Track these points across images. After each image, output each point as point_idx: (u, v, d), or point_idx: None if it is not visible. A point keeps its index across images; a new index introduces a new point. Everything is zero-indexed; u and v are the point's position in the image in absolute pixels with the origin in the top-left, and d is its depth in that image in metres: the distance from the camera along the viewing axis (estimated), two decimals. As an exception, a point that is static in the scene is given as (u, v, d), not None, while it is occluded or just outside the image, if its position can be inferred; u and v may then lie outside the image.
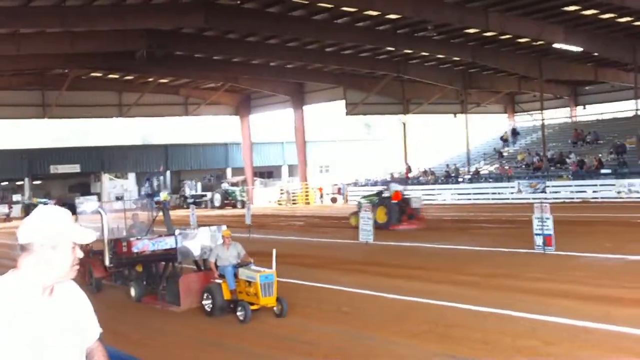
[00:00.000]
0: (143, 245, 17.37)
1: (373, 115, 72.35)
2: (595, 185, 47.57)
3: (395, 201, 33.43)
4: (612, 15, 41.60)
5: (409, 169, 62.99)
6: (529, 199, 44.68)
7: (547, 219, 21.04)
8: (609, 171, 48.94)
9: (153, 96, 64.75)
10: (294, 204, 64.43)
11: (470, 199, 52.67)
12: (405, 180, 58.34)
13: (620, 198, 43.93)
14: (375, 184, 62.14)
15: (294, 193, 66.97)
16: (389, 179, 61.97)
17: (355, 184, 64.21)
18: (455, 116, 69.21)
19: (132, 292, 17.68)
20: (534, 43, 48.54)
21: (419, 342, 11.75)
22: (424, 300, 15.05)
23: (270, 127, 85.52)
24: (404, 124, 64.35)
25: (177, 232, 16.82)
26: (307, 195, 66.29)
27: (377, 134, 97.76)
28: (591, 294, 14.90)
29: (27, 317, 3.43)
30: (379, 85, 59.54)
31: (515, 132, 66.44)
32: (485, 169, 60.65)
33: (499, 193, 51.90)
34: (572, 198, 46.77)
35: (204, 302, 15.04)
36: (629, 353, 10.46)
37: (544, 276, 17.37)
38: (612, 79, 59.64)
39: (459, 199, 53.45)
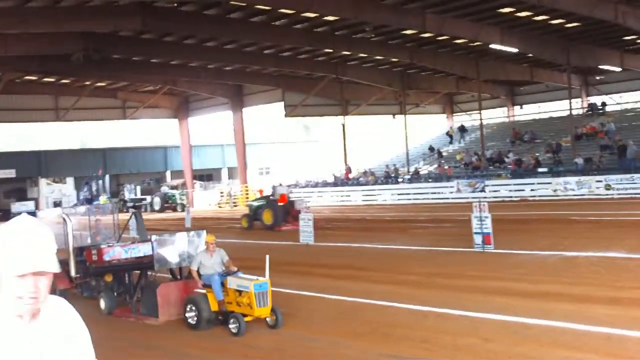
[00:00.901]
0: (115, 252, 16.29)
1: (312, 116, 72.39)
2: (533, 183, 48.23)
3: (282, 203, 36.09)
4: (545, 17, 42.24)
5: (349, 170, 63.20)
6: (468, 198, 45.11)
7: (486, 217, 21.29)
8: (545, 170, 49.71)
9: (90, 100, 63.80)
10: (234, 206, 64.14)
11: (410, 199, 52.96)
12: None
13: (557, 196, 44.61)
14: (315, 185, 62.37)
15: (234, 195, 66.65)
16: (329, 180, 62.30)
17: (296, 186, 64.19)
18: (394, 117, 69.65)
19: (102, 304, 16.17)
20: (471, 44, 49.08)
21: (362, 343, 11.79)
22: (367, 301, 15.11)
23: (209, 129, 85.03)
24: (343, 125, 64.51)
25: (153, 238, 15.50)
26: (247, 198, 66.01)
27: (316, 136, 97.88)
28: (530, 291, 15.10)
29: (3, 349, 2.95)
30: (317, 86, 59.61)
31: (463, 129, 66.82)
32: (424, 169, 61.11)
33: (438, 193, 52.30)
34: (511, 196, 47.39)
35: (187, 315, 13.77)
36: (567, 347, 10.62)
37: (483, 274, 17.58)
38: (547, 80, 60.60)
39: (399, 199, 53.72)
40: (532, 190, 47.51)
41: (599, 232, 25.84)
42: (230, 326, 13.01)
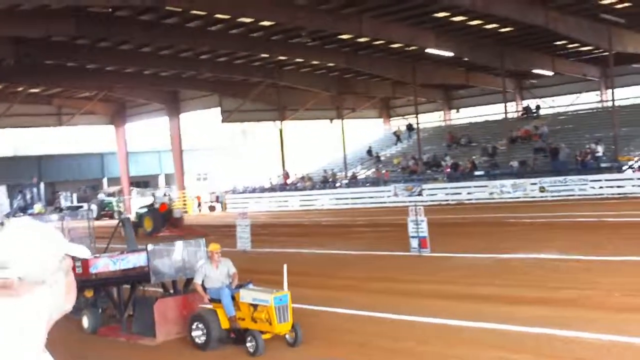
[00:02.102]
0: (102, 264, 14.73)
1: (250, 122, 72.18)
2: (470, 187, 48.81)
3: (162, 212, 39.16)
4: (479, 22, 42.76)
5: (286, 175, 63.18)
6: (405, 202, 45.36)
7: (422, 221, 21.47)
8: (482, 173, 50.38)
9: (24, 106, 62.55)
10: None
11: (348, 204, 53.16)
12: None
13: (493, 199, 45.19)
14: (253, 190, 62.24)
15: (174, 202, 66.13)
16: (266, 185, 62.24)
17: (234, 192, 64.05)
18: (331, 122, 69.76)
19: (85, 322, 14.59)
20: (407, 48, 49.39)
21: (300, 348, 11.81)
22: (303, 306, 15.09)
23: (146, 135, 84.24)
24: (281, 131, 64.50)
25: (149, 247, 14.01)
26: (185, 204, 65.59)
27: (254, 141, 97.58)
28: (464, 293, 15.28)
29: None
30: (254, 92, 59.39)
31: (410, 128, 66.92)
32: (362, 174, 61.35)
33: (376, 197, 52.57)
34: (448, 200, 47.84)
35: (193, 334, 12.36)
36: (499, 348, 10.79)
37: (419, 278, 17.73)
38: (482, 83, 61.29)
39: (337, 204, 53.86)
40: (468, 193, 48.08)
41: (533, 234, 26.25)
42: (248, 344, 11.69)
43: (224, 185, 68.26)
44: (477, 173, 50.61)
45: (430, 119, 71.01)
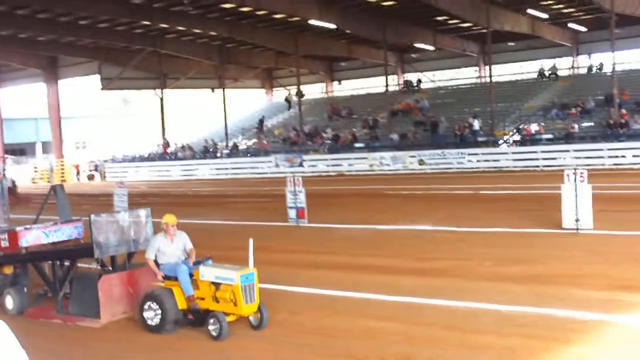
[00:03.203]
0: (34, 237, 13.25)
1: (130, 90, 70.92)
2: (350, 158, 49.19)
3: None
4: (362, -7, 43.01)
5: (166, 145, 62.31)
6: (286, 173, 45.37)
7: (300, 192, 21.47)
8: (362, 145, 50.77)
9: None
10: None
11: (229, 174, 52.87)
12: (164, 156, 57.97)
13: (373, 171, 45.67)
14: (132, 160, 61.23)
15: (55, 170, 64.35)
16: (146, 155, 61.33)
17: (113, 161, 62.85)
18: (213, 91, 69.04)
19: (9, 302, 12.91)
20: (290, 19, 49.30)
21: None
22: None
23: (22, 102, 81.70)
24: (162, 99, 63.50)
25: (92, 217, 12.13)
26: (63, 173, 63.97)
27: (135, 110, 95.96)
28: (342, 264, 15.33)
29: None
30: (135, 59, 58.18)
31: (300, 94, 66.68)
32: (243, 144, 61.02)
33: (257, 168, 52.40)
34: (328, 171, 48.13)
35: (145, 314, 11.05)
36: (373, 318, 10.84)
37: (296, 248, 17.74)
38: (364, 56, 61.71)
39: (217, 174, 53.50)
40: (349, 165, 48.45)
41: (411, 205, 26.63)
42: (210, 328, 10.50)
43: (103, 154, 66.86)
44: (357, 145, 51.01)
45: (313, 91, 71.13)
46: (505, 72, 59.44)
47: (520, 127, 46.06)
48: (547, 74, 55.32)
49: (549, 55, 57.81)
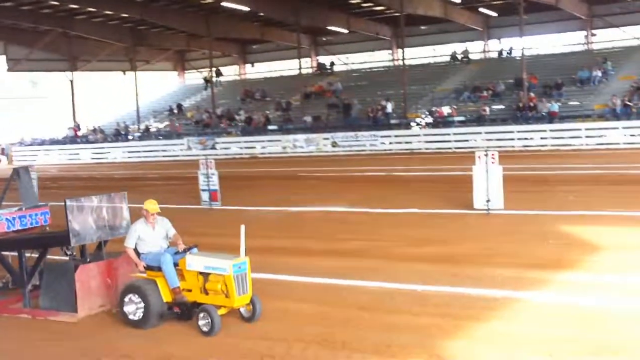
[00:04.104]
0: None
1: (39, 71, 69.25)
2: (263, 141, 49.07)
3: None
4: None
5: (77, 128, 61.15)
6: (199, 155, 45.00)
7: (213, 174, 21.31)
8: (275, 127, 50.69)
9: None
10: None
11: (140, 157, 52.23)
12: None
13: (286, 153, 45.67)
14: (42, 143, 59.96)
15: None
16: (56, 138, 60.14)
17: (21, 144, 61.41)
18: (124, 73, 68.01)
19: None
20: (203, 1, 48.83)
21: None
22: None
23: None
24: (72, 82, 62.23)
25: (68, 202, 10.99)
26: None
27: (44, 92, 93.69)
28: (254, 246, 15.04)
29: None
30: (43, 40, 56.78)
31: (219, 73, 65.92)
32: (155, 127, 60.26)
33: (169, 150, 51.97)
34: (241, 154, 47.93)
35: (126, 308, 10.05)
36: (287, 299, 10.82)
37: (209, 230, 17.56)
38: (278, 39, 61.45)
39: (129, 157, 52.82)
40: (262, 147, 48.33)
41: (324, 187, 26.72)
42: (200, 323, 9.52)
43: (10, 137, 65.18)
44: (270, 127, 50.91)
45: (226, 73, 70.64)
46: (418, 55, 59.91)
47: (433, 109, 46.52)
48: (459, 57, 56.03)
49: (461, 39, 58.51)
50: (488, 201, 17.46)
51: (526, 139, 40.37)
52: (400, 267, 12.46)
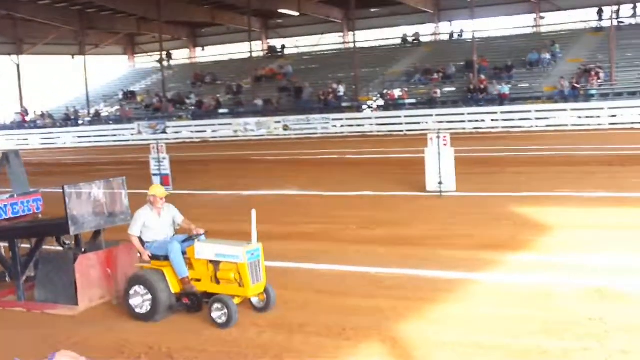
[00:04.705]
0: None
1: (-18, 55, 68.05)
2: (214, 125, 48.84)
3: None
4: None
5: (24, 113, 60.24)
6: (149, 140, 44.65)
7: (164, 159, 21.18)
8: (226, 111, 50.46)
9: None
10: None
11: (91, 142, 51.69)
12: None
13: (237, 137, 45.47)
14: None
15: None
16: (2, 123, 59.24)
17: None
18: (73, 57, 67.06)
19: None
20: (153, -16, 48.28)
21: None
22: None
23: None
24: (18, 66, 61.25)
25: (66, 188, 10.39)
26: None
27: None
28: (207, 230, 15.11)
29: None
30: (-14, 23, 55.78)
31: (169, 56, 65.19)
32: (105, 111, 59.62)
33: (119, 135, 51.48)
34: (192, 138, 47.64)
35: (132, 301, 9.49)
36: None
37: (161, 215, 17.38)
38: (228, 22, 61.00)
39: (80, 142, 52.24)
40: (213, 131, 48.10)
41: (276, 171, 26.67)
42: (214, 315, 8.99)
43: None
44: (221, 111, 50.67)
45: (176, 57, 70.07)
46: (369, 38, 59.89)
47: (384, 92, 46.60)
48: (410, 40, 56.15)
49: (412, 22, 58.55)
50: (440, 183, 17.55)
51: (477, 121, 40.66)
52: (353, 250, 12.50)
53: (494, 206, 16.01)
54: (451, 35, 56.20)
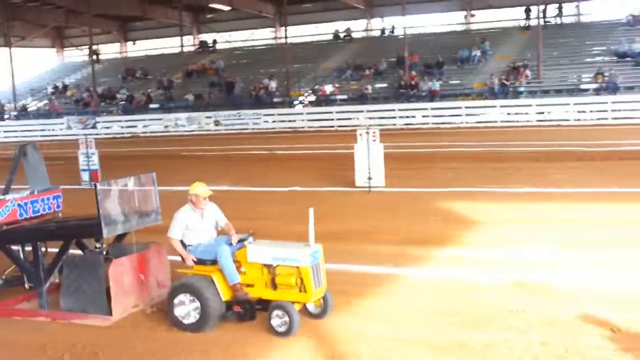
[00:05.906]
0: (7, 211, 10.27)
1: None
2: (145, 120, 48.43)
3: None
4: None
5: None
6: (79, 135, 44.01)
7: (93, 154, 20.95)
8: (157, 106, 50.05)
9: None
10: None
11: (18, 137, 50.71)
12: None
13: (168, 132, 45.16)
14: None
15: None
16: None
17: None
18: (-2, 49, 65.73)
19: None
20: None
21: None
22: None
23: None
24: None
25: (98, 185, 9.53)
26: None
27: None
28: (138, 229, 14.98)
29: None
30: None
31: (96, 53, 64.17)
32: (33, 106, 58.61)
33: (48, 130, 50.64)
34: (123, 133, 47.14)
35: (177, 311, 8.67)
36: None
37: (87, 211, 17.16)
38: (160, 16, 60.42)
39: (5, 137, 51.25)
40: (144, 126, 47.73)
41: (207, 166, 26.55)
42: (274, 322, 8.27)
43: None
44: (152, 106, 50.24)
45: (107, 51, 69.22)
46: (301, 33, 59.88)
47: (316, 88, 46.72)
48: (341, 35, 56.35)
49: (344, 18, 58.69)
50: (369, 179, 17.68)
51: (408, 117, 40.98)
52: (281, 245, 12.48)
53: (423, 201, 16.18)
54: (383, 31, 56.55)
